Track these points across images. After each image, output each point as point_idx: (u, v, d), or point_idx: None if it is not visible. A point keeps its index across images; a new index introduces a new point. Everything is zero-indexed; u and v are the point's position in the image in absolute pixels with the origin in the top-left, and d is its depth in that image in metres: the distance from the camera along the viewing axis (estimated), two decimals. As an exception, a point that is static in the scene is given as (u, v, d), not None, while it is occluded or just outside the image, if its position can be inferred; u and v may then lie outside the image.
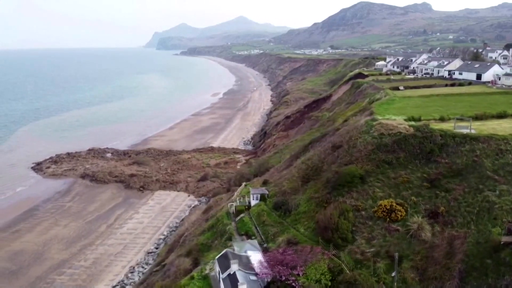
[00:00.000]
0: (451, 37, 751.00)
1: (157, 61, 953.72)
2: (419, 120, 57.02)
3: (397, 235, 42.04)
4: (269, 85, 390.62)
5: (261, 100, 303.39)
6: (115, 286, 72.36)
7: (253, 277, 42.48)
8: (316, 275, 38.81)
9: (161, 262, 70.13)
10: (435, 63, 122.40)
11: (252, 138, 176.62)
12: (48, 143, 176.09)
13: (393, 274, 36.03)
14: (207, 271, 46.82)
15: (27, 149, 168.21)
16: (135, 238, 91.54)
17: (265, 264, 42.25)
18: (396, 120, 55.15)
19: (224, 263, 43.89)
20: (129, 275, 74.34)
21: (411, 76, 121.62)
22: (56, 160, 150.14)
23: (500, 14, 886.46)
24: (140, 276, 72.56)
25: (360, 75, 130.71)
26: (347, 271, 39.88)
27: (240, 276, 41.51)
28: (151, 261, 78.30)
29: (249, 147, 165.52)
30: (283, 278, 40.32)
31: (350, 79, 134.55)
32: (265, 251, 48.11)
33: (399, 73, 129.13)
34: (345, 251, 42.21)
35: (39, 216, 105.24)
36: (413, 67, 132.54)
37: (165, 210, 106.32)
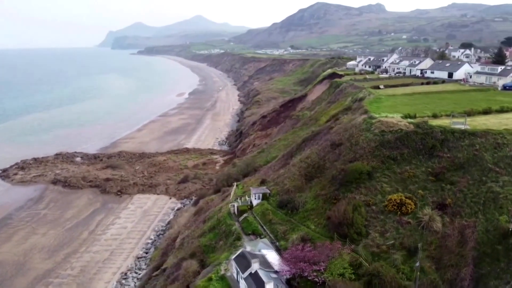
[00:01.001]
0: (404, 37, 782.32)
1: (114, 61, 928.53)
2: (414, 117, 59.69)
3: (409, 227, 44.01)
4: (234, 84, 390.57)
5: (228, 100, 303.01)
6: (109, 293, 70.50)
7: (273, 275, 43.03)
8: (339, 269, 39.97)
9: (158, 267, 68.98)
10: (406, 62, 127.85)
11: (227, 138, 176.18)
12: (12, 149, 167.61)
13: (417, 264, 37.77)
14: (222, 272, 46.81)
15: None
16: (121, 243, 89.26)
17: (286, 262, 42.96)
18: (394, 118, 57.52)
19: (243, 262, 44.07)
20: (123, 281, 72.50)
21: (385, 75, 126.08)
22: (22, 166, 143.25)
23: (450, 14, 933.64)
24: (135, 282, 71.00)
25: (334, 75, 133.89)
26: (367, 264, 41.36)
27: (262, 275, 41.95)
28: (143, 266, 76.74)
29: (225, 147, 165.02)
30: (305, 274, 41.25)
31: (325, 78, 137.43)
32: (277, 249, 48.78)
33: (372, 72, 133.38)
34: (360, 245, 43.63)
35: (14, 225, 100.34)
36: (385, 67, 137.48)
37: (148, 214, 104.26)
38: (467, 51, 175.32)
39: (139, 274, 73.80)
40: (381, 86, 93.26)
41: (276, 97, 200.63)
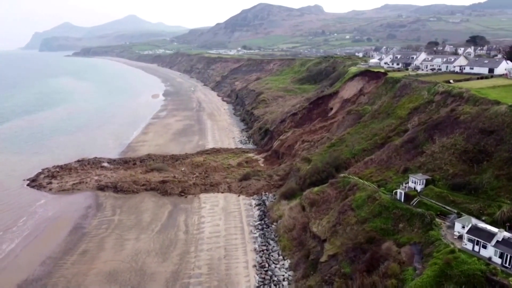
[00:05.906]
0: (347, 37, 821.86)
1: (54, 63, 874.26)
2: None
3: None
4: (205, 85, 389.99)
5: (211, 100, 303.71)
6: (259, 286, 72.65)
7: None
8: None
9: (308, 255, 72.93)
10: (439, 60, 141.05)
11: (249, 137, 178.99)
12: (17, 157, 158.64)
13: None
14: (451, 246, 52.75)
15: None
16: (227, 240, 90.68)
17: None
18: (541, 106, 67.27)
19: (482, 234, 50.73)
20: (269, 272, 75.02)
21: (421, 72, 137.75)
22: (52, 174, 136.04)
23: (384, 15, 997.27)
24: (286, 271, 74.11)
25: (368, 72, 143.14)
26: None
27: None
28: (278, 257, 79.58)
29: (250, 146, 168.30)
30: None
31: (356, 76, 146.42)
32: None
33: (406, 69, 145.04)
34: None
35: (93, 234, 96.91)
36: (416, 64, 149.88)
37: (230, 211, 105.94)
38: (468, 49, 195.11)
39: (282, 264, 76.88)
40: (451, 81, 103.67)
41: (282, 96, 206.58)
